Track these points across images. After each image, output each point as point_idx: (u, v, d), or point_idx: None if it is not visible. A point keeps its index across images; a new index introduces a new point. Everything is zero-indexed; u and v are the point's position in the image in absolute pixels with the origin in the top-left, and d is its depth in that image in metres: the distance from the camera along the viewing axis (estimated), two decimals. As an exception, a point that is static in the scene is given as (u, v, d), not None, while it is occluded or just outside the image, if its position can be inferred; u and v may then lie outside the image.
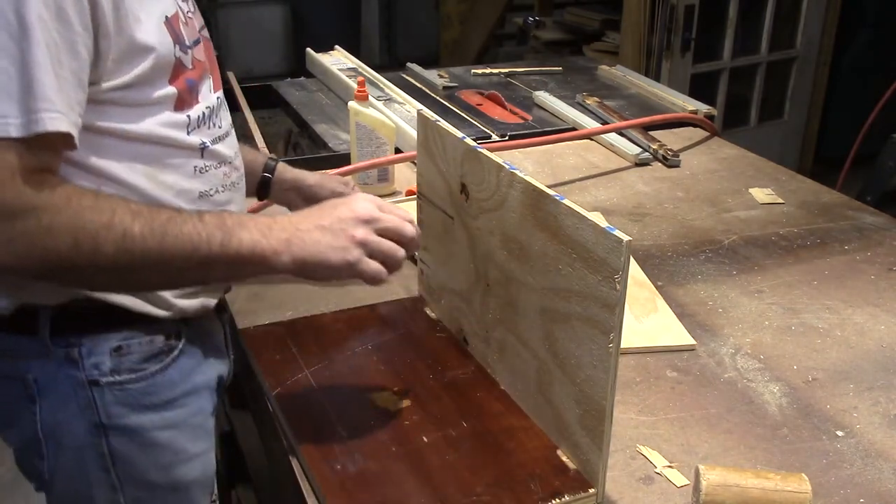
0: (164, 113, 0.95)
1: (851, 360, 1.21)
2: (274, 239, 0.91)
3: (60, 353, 0.96)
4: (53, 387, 0.98)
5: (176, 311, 1.01)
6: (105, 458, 1.00)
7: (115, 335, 0.98)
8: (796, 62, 3.91)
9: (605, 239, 0.82)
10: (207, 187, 1.01)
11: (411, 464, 0.95)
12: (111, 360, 0.97)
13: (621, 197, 1.74)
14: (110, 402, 0.98)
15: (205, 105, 1.01)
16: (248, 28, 5.82)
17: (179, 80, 0.95)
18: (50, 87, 0.81)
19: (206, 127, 1.01)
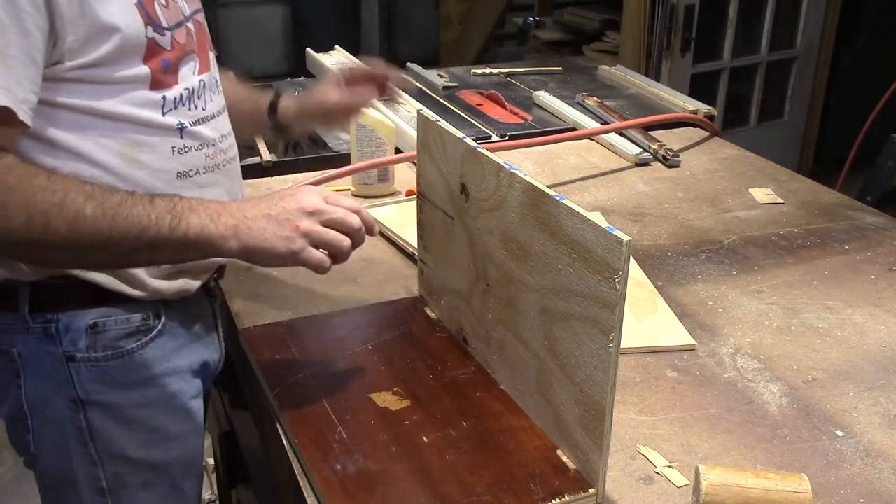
0: (136, 92, 0.97)
1: (851, 360, 1.21)
2: (222, 225, 0.94)
3: (39, 328, 1.00)
4: (35, 362, 1.01)
5: (151, 291, 1.04)
6: (84, 433, 1.04)
7: (92, 312, 1.01)
8: (796, 62, 3.92)
9: (605, 239, 0.82)
10: (187, 168, 1.03)
11: (411, 464, 0.95)
12: (87, 337, 1.01)
13: (621, 197, 1.74)
14: (87, 378, 1.02)
15: (184, 86, 1.02)
16: (248, 28, 5.83)
17: (154, 61, 0.98)
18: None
19: (185, 108, 1.03)
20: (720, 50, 3.62)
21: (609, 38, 3.78)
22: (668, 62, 3.34)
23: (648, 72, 3.26)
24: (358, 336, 1.19)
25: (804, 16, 3.83)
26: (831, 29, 3.94)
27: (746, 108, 3.85)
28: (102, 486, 1.08)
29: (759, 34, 3.73)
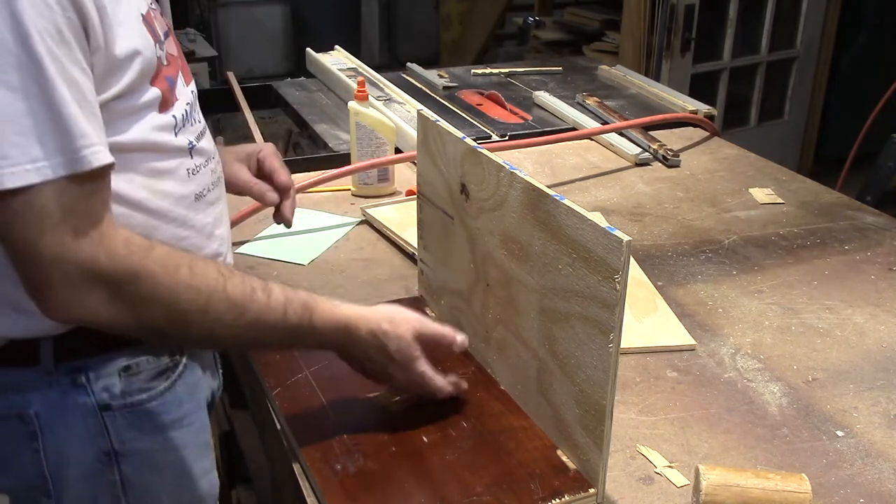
0: (151, 117, 0.92)
1: (851, 360, 1.21)
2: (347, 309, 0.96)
3: (65, 380, 0.91)
4: (59, 418, 0.92)
5: None
6: (116, 487, 0.96)
7: (123, 354, 0.94)
8: (796, 62, 3.92)
9: (605, 239, 0.82)
10: (200, 188, 0.99)
11: (411, 464, 0.95)
12: (121, 382, 0.94)
13: (621, 197, 1.74)
14: (122, 426, 0.94)
15: (184, 102, 0.98)
16: (248, 28, 5.83)
17: (160, 80, 0.92)
18: (81, 119, 0.78)
19: (189, 125, 0.98)
20: (720, 50, 3.62)
21: (609, 38, 3.78)
22: (668, 62, 3.34)
23: (648, 72, 3.26)
24: (358, 336, 1.19)
25: (804, 16, 3.82)
26: (831, 29, 3.94)
27: (746, 108, 3.85)
28: None
29: (759, 34, 3.73)
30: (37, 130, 0.76)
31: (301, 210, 1.62)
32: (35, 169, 0.76)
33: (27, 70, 0.75)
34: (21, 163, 0.75)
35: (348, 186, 1.71)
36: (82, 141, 0.78)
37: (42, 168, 0.76)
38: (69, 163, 0.77)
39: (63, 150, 0.77)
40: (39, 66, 0.75)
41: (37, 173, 0.76)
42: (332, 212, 1.62)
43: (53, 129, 0.76)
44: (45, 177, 0.76)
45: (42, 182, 0.76)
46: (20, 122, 0.75)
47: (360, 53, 4.13)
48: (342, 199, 1.69)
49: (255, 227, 1.54)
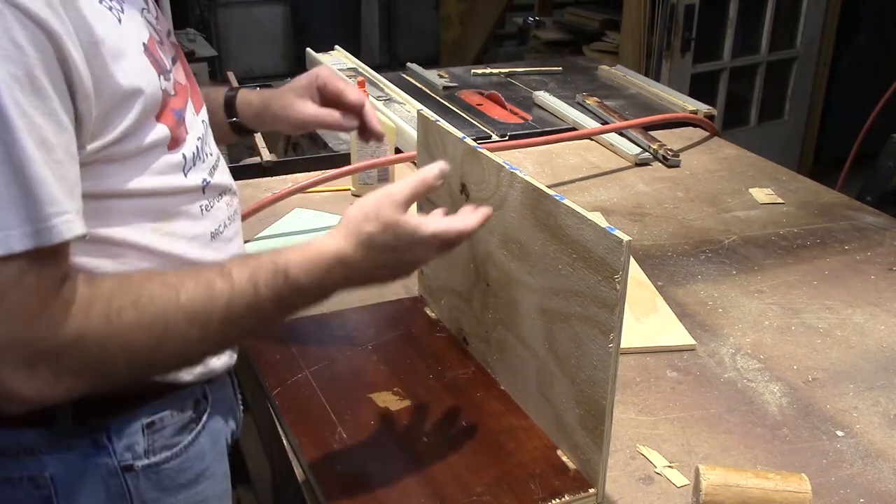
0: (158, 158, 0.83)
1: (851, 360, 1.21)
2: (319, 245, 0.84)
3: (85, 441, 0.84)
4: (77, 481, 0.85)
5: (207, 371, 0.92)
6: None
7: (146, 410, 0.87)
8: (796, 62, 3.92)
9: (605, 239, 0.82)
10: (216, 225, 0.92)
11: (411, 464, 0.95)
12: (145, 439, 0.87)
13: (621, 197, 1.74)
14: (145, 487, 0.87)
15: (195, 136, 0.89)
16: (248, 28, 5.82)
17: (167, 115, 0.83)
18: (50, 183, 0.67)
19: (200, 161, 0.89)
20: (720, 50, 3.62)
21: (609, 38, 3.78)
22: (668, 62, 3.34)
23: (648, 72, 3.26)
24: (358, 336, 1.19)
25: (804, 16, 3.82)
26: (831, 29, 3.94)
27: (746, 108, 3.85)
28: None
29: (759, 34, 3.73)
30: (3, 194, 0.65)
31: (301, 210, 1.62)
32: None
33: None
34: None
35: (348, 186, 1.71)
36: (52, 209, 0.67)
37: (4, 240, 0.65)
38: (35, 234, 0.67)
39: (29, 219, 0.66)
40: (4, 121, 0.65)
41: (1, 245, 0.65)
42: (332, 212, 1.62)
43: (18, 195, 0.66)
44: (6, 250, 0.66)
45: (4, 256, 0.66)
46: None
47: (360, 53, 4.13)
48: (342, 199, 1.69)
49: (256, 227, 1.54)
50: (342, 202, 1.67)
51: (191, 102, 0.90)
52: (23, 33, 0.65)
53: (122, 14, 0.77)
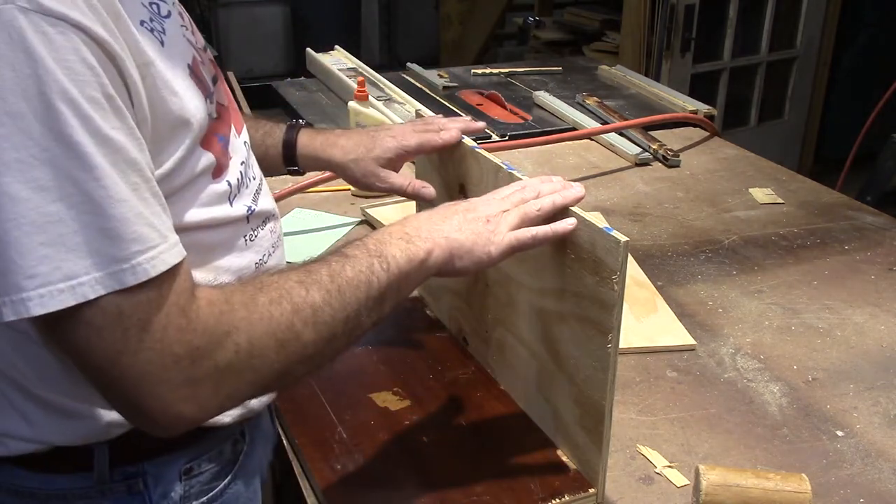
0: (204, 189, 0.78)
1: (851, 360, 1.21)
2: (420, 241, 0.82)
3: (120, 487, 0.81)
4: None
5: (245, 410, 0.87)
6: None
7: (184, 454, 0.83)
8: (796, 62, 3.91)
9: (604, 239, 0.82)
10: (260, 255, 0.87)
11: (411, 464, 0.95)
12: (182, 486, 0.83)
13: (621, 197, 1.74)
14: None
15: (238, 161, 0.84)
16: (248, 28, 5.82)
17: (211, 141, 0.78)
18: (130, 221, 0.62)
19: (244, 187, 0.84)
20: (720, 50, 3.62)
21: (609, 38, 3.77)
22: (668, 62, 3.34)
23: (648, 72, 3.26)
24: (358, 336, 1.19)
25: (804, 16, 3.82)
26: (831, 29, 3.94)
27: (746, 108, 3.85)
28: None
29: (759, 34, 3.73)
30: (74, 239, 0.60)
31: (301, 210, 1.62)
32: (69, 288, 0.61)
33: (60, 163, 0.59)
34: (52, 282, 0.60)
35: (348, 186, 1.70)
36: (136, 246, 0.63)
37: (78, 287, 0.61)
38: (115, 275, 0.62)
39: (109, 262, 0.62)
40: (78, 156, 0.60)
41: (71, 294, 0.61)
42: (332, 212, 1.62)
43: (97, 237, 0.61)
44: (81, 298, 0.61)
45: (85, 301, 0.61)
46: (51, 230, 0.60)
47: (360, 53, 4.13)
48: (342, 199, 1.69)
49: (255, 228, 1.54)
50: (342, 202, 1.67)
51: (233, 125, 0.85)
52: (91, 55, 0.61)
53: (164, 36, 0.72)
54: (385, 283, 0.78)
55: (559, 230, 0.86)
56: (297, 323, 0.71)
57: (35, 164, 0.59)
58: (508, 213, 0.86)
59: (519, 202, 0.87)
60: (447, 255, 0.82)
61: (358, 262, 0.77)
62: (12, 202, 0.59)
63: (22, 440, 0.78)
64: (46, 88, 0.58)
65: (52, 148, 0.59)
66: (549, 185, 0.89)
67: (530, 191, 0.89)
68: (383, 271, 0.78)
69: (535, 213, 0.86)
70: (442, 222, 0.84)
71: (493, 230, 0.84)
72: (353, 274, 0.76)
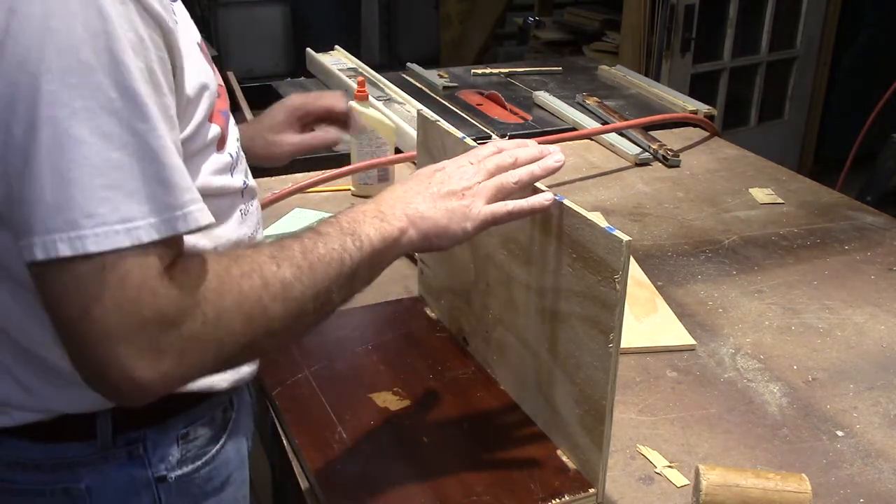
0: (211, 157, 0.82)
1: (851, 360, 1.21)
2: (395, 219, 0.83)
3: (121, 452, 0.84)
4: (111, 492, 0.85)
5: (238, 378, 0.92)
6: None
7: (179, 420, 0.87)
8: (796, 62, 3.92)
9: (605, 239, 0.82)
10: (251, 230, 0.91)
11: (411, 464, 0.95)
12: (179, 449, 0.87)
13: (621, 197, 1.74)
14: (175, 496, 0.88)
15: (234, 137, 0.89)
16: (248, 28, 5.82)
17: (217, 115, 0.83)
18: (183, 172, 0.68)
19: (241, 161, 0.90)
20: (720, 50, 3.62)
21: (609, 38, 3.78)
22: (668, 62, 3.34)
23: (648, 72, 3.26)
24: (358, 336, 1.19)
25: (804, 16, 3.82)
26: (831, 29, 3.94)
27: (746, 108, 3.85)
28: None
29: (759, 34, 3.73)
30: (132, 183, 0.64)
31: (301, 210, 1.62)
32: (125, 231, 0.64)
33: (124, 114, 0.64)
34: (109, 222, 0.63)
35: (348, 186, 1.71)
36: (188, 195, 0.67)
37: (134, 230, 0.64)
38: (168, 222, 0.66)
39: (163, 208, 0.66)
40: (138, 108, 0.65)
41: (127, 236, 0.64)
42: (332, 212, 1.61)
43: (153, 183, 0.65)
44: (136, 240, 0.64)
45: (131, 246, 0.64)
46: (111, 173, 0.64)
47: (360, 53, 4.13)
48: (342, 199, 1.69)
49: (255, 227, 1.54)
50: (342, 202, 1.67)
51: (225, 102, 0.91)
52: (144, 27, 0.66)
53: (174, 16, 0.74)
54: (357, 262, 0.79)
55: (535, 205, 0.86)
56: (265, 298, 0.72)
57: (101, 113, 0.63)
58: (484, 185, 0.86)
59: (495, 170, 0.87)
60: (422, 235, 0.84)
61: (331, 240, 0.79)
62: (78, 145, 0.63)
63: (26, 410, 0.80)
64: (114, 45, 0.64)
65: (117, 100, 0.64)
66: (525, 151, 0.89)
67: (507, 156, 0.89)
68: (356, 249, 0.79)
69: (513, 186, 0.87)
70: (416, 199, 0.85)
71: (469, 205, 0.85)
72: (325, 251, 0.77)
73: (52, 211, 0.63)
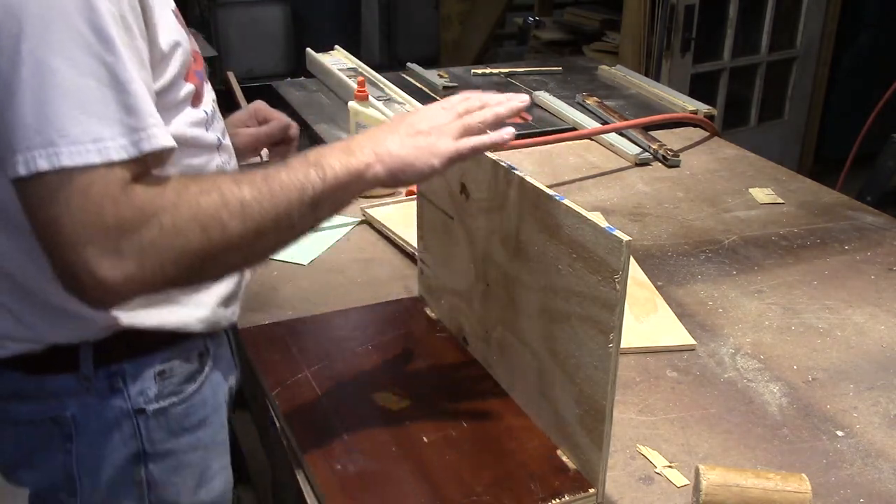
0: (186, 111, 0.92)
1: (851, 360, 1.21)
2: (361, 155, 0.88)
3: (103, 385, 0.93)
4: (94, 421, 0.94)
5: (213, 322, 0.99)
6: (141, 486, 0.98)
7: (157, 359, 0.95)
8: (796, 62, 3.91)
9: (605, 239, 0.82)
10: None
11: (411, 464, 0.95)
12: (156, 385, 0.95)
13: (621, 197, 1.74)
14: (154, 428, 0.96)
15: (211, 98, 0.98)
16: (248, 28, 5.82)
17: (192, 75, 0.92)
18: (147, 99, 0.77)
19: (216, 121, 0.99)
20: (720, 50, 3.62)
21: (609, 38, 3.77)
22: (668, 62, 3.34)
23: (648, 72, 3.26)
24: (358, 336, 1.19)
25: (804, 16, 3.82)
26: (831, 29, 3.94)
27: (746, 108, 3.85)
28: None
29: (759, 34, 3.73)
30: (101, 108, 0.74)
31: (301, 210, 1.62)
32: (96, 150, 0.73)
33: (94, 48, 0.73)
34: (82, 141, 0.73)
35: (348, 186, 1.70)
36: (151, 119, 0.76)
37: (104, 149, 0.73)
38: (135, 143, 0.75)
39: (129, 131, 0.75)
40: (108, 44, 0.74)
41: (97, 154, 0.73)
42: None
43: (119, 108, 0.74)
44: (106, 158, 0.73)
45: (101, 163, 0.73)
46: (83, 99, 0.73)
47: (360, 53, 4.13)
48: (342, 199, 1.68)
49: (255, 227, 1.54)
50: (342, 202, 1.67)
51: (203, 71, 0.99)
52: None
53: None
54: (320, 190, 0.85)
55: (496, 139, 0.92)
56: (223, 213, 0.79)
57: (74, 48, 0.73)
58: (452, 124, 0.92)
59: (464, 112, 0.94)
60: (388, 171, 0.89)
61: (294, 169, 0.85)
62: (52, 74, 0.72)
63: (19, 341, 0.90)
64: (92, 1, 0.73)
65: (89, 36, 0.73)
66: (493, 97, 0.96)
67: (475, 101, 0.95)
68: (319, 179, 0.85)
69: (478, 125, 0.93)
70: (386, 138, 0.91)
71: (435, 142, 0.91)
72: (287, 178, 0.84)
73: (31, 132, 0.72)
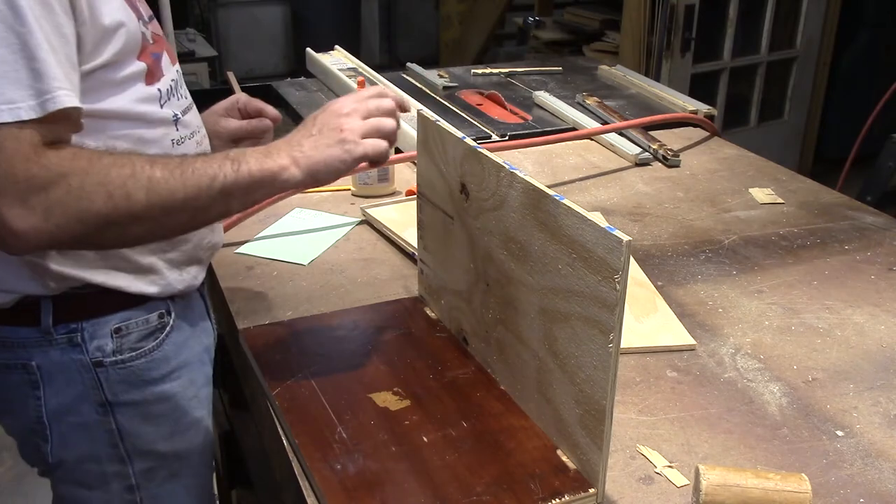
0: (136, 88, 1.00)
1: (851, 360, 1.21)
2: (278, 157, 0.98)
3: (63, 338, 1.03)
4: (58, 371, 1.04)
5: (167, 285, 1.09)
6: (114, 434, 1.08)
7: (114, 317, 1.05)
8: (796, 62, 3.92)
9: (605, 239, 0.82)
10: None
11: (411, 464, 0.95)
12: (113, 342, 1.05)
13: (621, 197, 1.74)
14: (114, 380, 1.06)
15: (169, 78, 1.07)
16: (248, 28, 5.83)
17: (145, 55, 1.01)
18: (55, 66, 0.85)
19: (175, 98, 1.07)
20: (720, 50, 3.62)
21: (609, 38, 3.78)
22: (668, 62, 3.34)
23: (648, 72, 3.26)
24: (358, 336, 1.19)
25: (804, 16, 3.83)
26: (831, 29, 3.94)
27: (746, 108, 3.86)
28: (132, 482, 1.13)
29: (759, 34, 3.73)
30: (14, 74, 0.83)
31: (301, 210, 1.62)
32: (8, 110, 0.83)
33: (8, 21, 0.83)
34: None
35: (348, 186, 1.71)
36: (56, 83, 0.85)
37: (14, 109, 0.83)
38: (41, 104, 0.84)
39: (37, 93, 0.84)
40: (20, 17, 0.83)
41: (10, 114, 0.83)
42: (332, 212, 1.62)
43: (29, 74, 0.84)
44: (16, 117, 0.83)
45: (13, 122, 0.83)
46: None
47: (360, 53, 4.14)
48: (342, 199, 1.69)
49: (255, 228, 1.54)
50: (342, 202, 1.67)
51: (166, 53, 1.08)
52: None
53: None
54: (231, 181, 0.94)
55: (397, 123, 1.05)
56: (130, 185, 0.89)
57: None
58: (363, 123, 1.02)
59: (375, 110, 1.03)
60: (305, 172, 0.98)
61: (212, 160, 0.95)
62: None
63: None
64: None
65: (4, 10, 0.82)
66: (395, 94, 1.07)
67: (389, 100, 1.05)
68: (232, 172, 0.94)
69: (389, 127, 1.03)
70: (301, 142, 1.00)
71: (347, 140, 1.00)
72: (202, 166, 0.94)
73: None
